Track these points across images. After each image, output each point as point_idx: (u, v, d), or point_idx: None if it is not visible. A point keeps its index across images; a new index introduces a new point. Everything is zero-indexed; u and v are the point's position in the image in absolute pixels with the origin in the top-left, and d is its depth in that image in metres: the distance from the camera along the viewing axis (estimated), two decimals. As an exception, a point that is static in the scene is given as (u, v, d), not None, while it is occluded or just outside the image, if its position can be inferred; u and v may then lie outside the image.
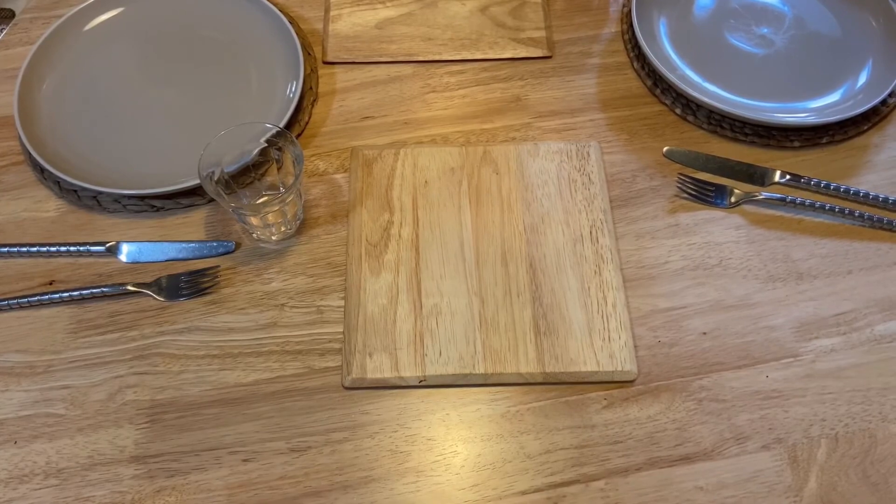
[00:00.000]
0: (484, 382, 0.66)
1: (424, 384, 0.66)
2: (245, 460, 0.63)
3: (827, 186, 0.77)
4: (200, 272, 0.72)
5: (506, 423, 0.65)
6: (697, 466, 0.63)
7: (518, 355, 0.67)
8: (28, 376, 0.67)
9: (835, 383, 0.67)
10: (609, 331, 0.68)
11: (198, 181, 0.67)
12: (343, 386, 0.66)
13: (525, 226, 0.74)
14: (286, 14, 0.87)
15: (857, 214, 0.75)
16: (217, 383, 0.66)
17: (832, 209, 0.75)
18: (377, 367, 0.66)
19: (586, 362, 0.66)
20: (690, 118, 0.82)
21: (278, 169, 0.72)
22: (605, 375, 0.66)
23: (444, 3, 0.92)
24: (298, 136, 0.81)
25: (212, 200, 0.77)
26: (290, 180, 0.70)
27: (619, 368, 0.66)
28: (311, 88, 0.84)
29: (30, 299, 0.70)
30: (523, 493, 0.62)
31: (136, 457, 0.63)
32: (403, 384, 0.66)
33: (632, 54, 0.88)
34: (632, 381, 0.66)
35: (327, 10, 0.91)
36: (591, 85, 0.86)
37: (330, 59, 0.87)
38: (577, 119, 0.83)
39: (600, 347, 0.67)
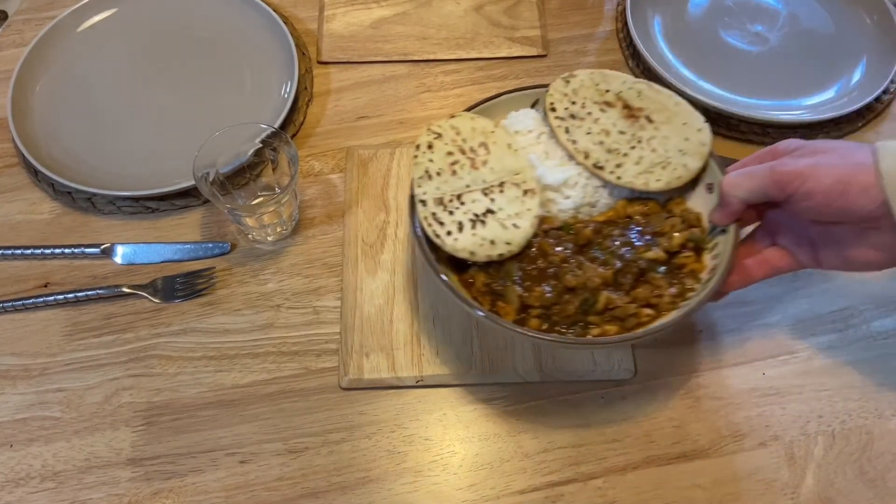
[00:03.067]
0: (481, 382, 0.66)
1: (422, 384, 0.66)
2: (242, 462, 0.63)
3: (822, 183, 0.77)
4: (196, 273, 0.72)
5: (503, 423, 0.65)
6: (695, 464, 0.63)
7: (515, 354, 0.67)
8: (23, 379, 0.67)
9: (831, 380, 0.67)
10: (606, 329, 0.68)
11: (193, 182, 0.67)
12: (340, 386, 0.66)
13: (521, 225, 0.73)
14: (280, 14, 0.87)
15: (852, 211, 0.75)
16: (213, 385, 0.66)
17: (827, 206, 0.75)
18: (374, 368, 0.66)
19: (583, 361, 0.66)
20: (686, 116, 0.82)
21: (273, 169, 0.71)
22: (603, 374, 0.66)
23: (439, 2, 0.92)
24: (293, 136, 0.81)
25: (207, 201, 0.76)
26: (286, 181, 0.70)
27: (617, 367, 0.66)
28: (305, 88, 0.84)
29: (24, 302, 0.70)
30: (521, 492, 0.62)
31: (133, 459, 0.63)
32: (400, 384, 0.66)
33: (627, 53, 0.88)
34: (629, 380, 0.66)
35: (322, 10, 0.91)
36: (586, 83, 0.86)
37: (325, 58, 0.87)
38: (572, 118, 0.82)
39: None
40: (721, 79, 0.84)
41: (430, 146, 0.64)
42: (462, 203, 0.61)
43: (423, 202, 0.61)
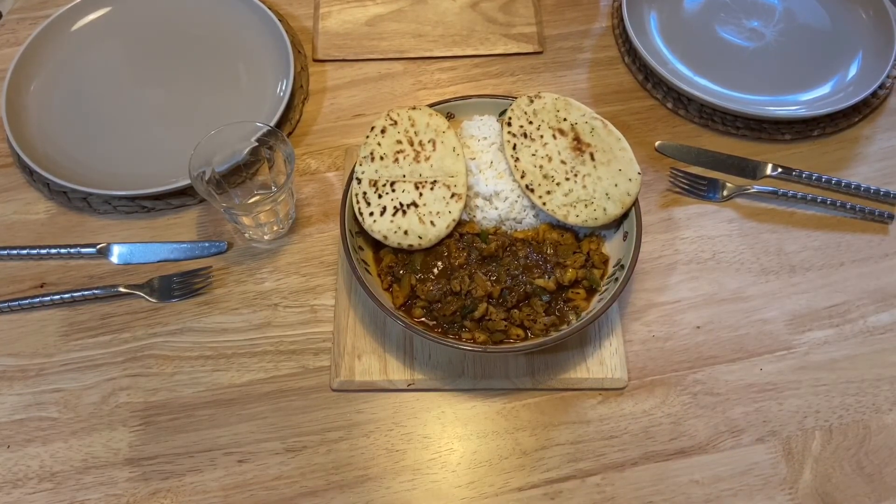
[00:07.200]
0: (473, 388, 0.66)
1: (413, 388, 0.66)
2: (240, 461, 0.63)
3: (818, 179, 0.77)
4: (193, 273, 0.71)
5: (501, 420, 0.65)
6: (693, 460, 0.63)
7: (507, 361, 0.66)
8: (20, 380, 0.67)
9: (828, 375, 0.67)
10: (600, 338, 0.67)
11: (189, 181, 0.67)
12: (331, 388, 0.66)
13: (518, 222, 0.74)
14: (275, 12, 0.87)
15: (848, 206, 0.75)
16: (211, 384, 0.66)
17: (824, 201, 0.75)
18: (366, 370, 0.66)
19: (576, 369, 0.66)
20: (682, 112, 0.82)
21: (270, 168, 0.71)
22: (595, 383, 0.66)
23: (435, -1, 0.92)
24: (289, 134, 0.81)
25: (203, 200, 0.76)
26: (282, 179, 0.69)
27: (610, 375, 0.66)
28: (301, 86, 0.84)
29: (21, 302, 0.69)
30: (520, 489, 0.62)
31: (131, 459, 0.63)
32: (392, 388, 0.66)
33: (623, 49, 0.88)
34: (622, 388, 0.66)
35: (317, 8, 0.91)
36: (582, 80, 0.86)
37: (320, 56, 0.87)
38: (568, 114, 0.82)
39: (590, 354, 0.66)
40: (717, 74, 0.84)
41: (383, 130, 0.68)
42: (393, 190, 0.66)
43: (359, 181, 0.67)
